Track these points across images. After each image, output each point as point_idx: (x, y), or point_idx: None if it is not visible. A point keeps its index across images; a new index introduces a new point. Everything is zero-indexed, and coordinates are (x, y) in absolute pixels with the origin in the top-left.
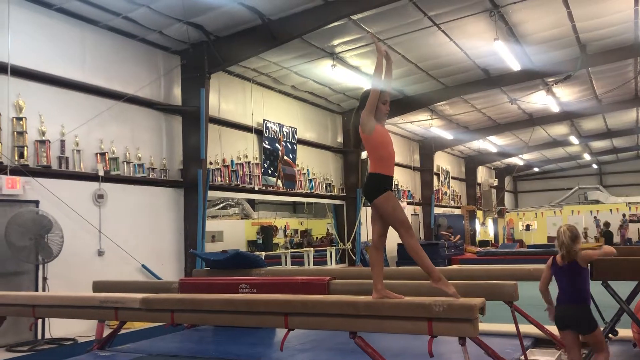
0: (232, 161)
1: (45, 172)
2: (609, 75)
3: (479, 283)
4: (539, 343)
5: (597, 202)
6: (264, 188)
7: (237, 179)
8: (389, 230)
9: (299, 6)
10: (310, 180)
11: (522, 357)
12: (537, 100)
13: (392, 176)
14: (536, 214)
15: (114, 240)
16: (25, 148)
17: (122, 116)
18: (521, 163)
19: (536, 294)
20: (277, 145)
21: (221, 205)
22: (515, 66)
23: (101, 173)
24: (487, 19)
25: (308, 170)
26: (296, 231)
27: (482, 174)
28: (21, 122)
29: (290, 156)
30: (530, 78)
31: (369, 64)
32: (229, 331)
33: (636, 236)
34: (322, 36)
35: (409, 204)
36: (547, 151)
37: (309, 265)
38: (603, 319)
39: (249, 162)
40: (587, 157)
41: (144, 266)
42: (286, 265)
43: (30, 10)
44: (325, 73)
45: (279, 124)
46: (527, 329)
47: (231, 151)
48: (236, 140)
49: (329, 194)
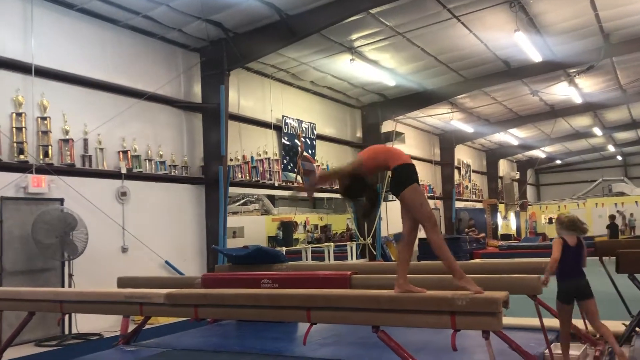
0: (252, 157)
1: (69, 171)
2: (634, 64)
3: (502, 276)
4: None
5: (621, 194)
6: (283, 184)
7: (257, 175)
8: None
9: (317, 1)
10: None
11: (546, 351)
12: (559, 92)
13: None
14: (559, 206)
15: (137, 236)
16: (50, 147)
17: (143, 114)
18: (543, 156)
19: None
20: (296, 141)
21: (242, 201)
22: (537, 57)
23: (124, 171)
24: (507, 10)
25: (327, 165)
26: (316, 226)
27: (504, 167)
28: (45, 122)
29: (310, 152)
30: (552, 69)
31: (388, 57)
32: (251, 326)
33: None
34: (340, 31)
35: (430, 198)
36: (569, 143)
37: (329, 260)
38: (630, 312)
39: (268, 159)
40: (611, 148)
41: (167, 262)
42: (307, 260)
43: (53, 12)
44: (344, 68)
45: (298, 119)
46: (552, 322)
47: (251, 147)
48: (256, 137)
49: None
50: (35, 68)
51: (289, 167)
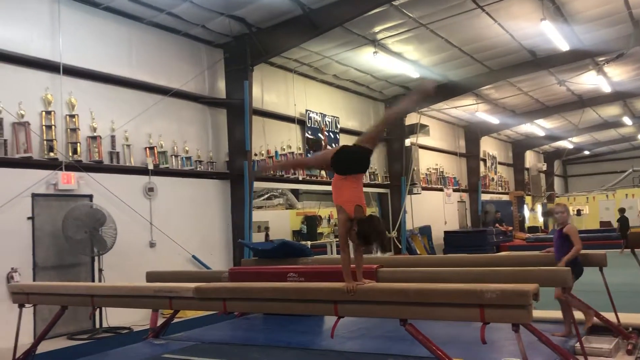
0: (276, 152)
1: (97, 167)
2: None
3: (530, 269)
4: (594, 330)
5: None
6: (307, 178)
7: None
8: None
9: None
10: None
11: (577, 345)
12: (587, 81)
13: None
14: (587, 198)
15: (164, 231)
16: (78, 144)
17: (168, 110)
18: (571, 146)
19: (591, 279)
20: (319, 135)
21: (266, 195)
22: (564, 46)
23: (151, 167)
24: None
25: None
26: None
27: (530, 158)
28: (74, 119)
29: (333, 145)
30: (580, 58)
31: (411, 49)
32: (278, 319)
33: None
34: (363, 23)
35: (455, 191)
36: (598, 133)
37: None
38: None
39: (292, 153)
40: None
41: (194, 256)
42: (332, 254)
43: (79, 11)
44: (367, 60)
45: (321, 113)
46: (583, 315)
47: (275, 142)
48: (279, 131)
49: (373, 182)
50: (63, 67)
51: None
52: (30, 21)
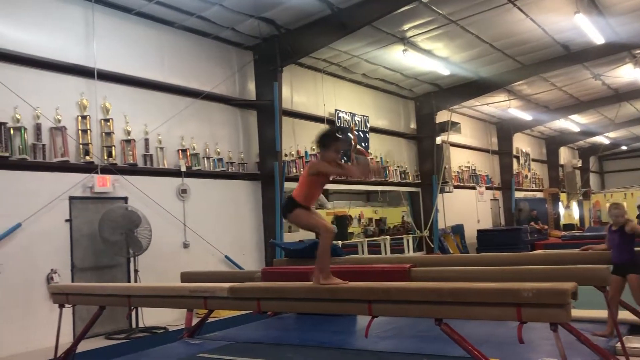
0: (306, 152)
1: (132, 170)
2: None
3: (568, 267)
4: (635, 330)
5: None
6: (337, 178)
7: None
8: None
9: None
10: (384, 168)
11: (617, 345)
12: (624, 74)
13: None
14: (625, 194)
15: (197, 232)
16: (113, 148)
17: (200, 113)
18: (607, 142)
19: None
20: (349, 134)
21: None
22: (599, 39)
23: (183, 169)
24: None
25: (381, 158)
26: (370, 220)
27: (565, 155)
28: (108, 124)
29: (363, 145)
30: (616, 51)
31: (441, 46)
32: (311, 319)
33: None
34: (392, 21)
35: (487, 189)
36: (635, 128)
37: (386, 254)
38: None
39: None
40: None
41: (226, 257)
42: (363, 253)
43: (112, 17)
44: (396, 59)
45: (350, 113)
46: (622, 315)
47: (305, 142)
48: (309, 132)
49: (404, 181)
50: (98, 72)
51: (343, 161)
52: (66, 28)
